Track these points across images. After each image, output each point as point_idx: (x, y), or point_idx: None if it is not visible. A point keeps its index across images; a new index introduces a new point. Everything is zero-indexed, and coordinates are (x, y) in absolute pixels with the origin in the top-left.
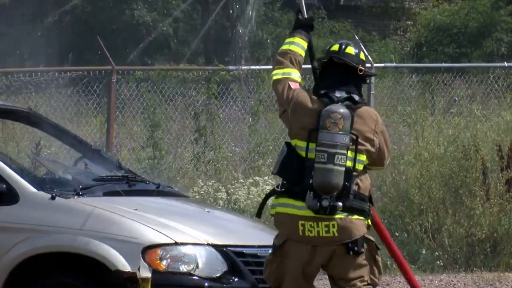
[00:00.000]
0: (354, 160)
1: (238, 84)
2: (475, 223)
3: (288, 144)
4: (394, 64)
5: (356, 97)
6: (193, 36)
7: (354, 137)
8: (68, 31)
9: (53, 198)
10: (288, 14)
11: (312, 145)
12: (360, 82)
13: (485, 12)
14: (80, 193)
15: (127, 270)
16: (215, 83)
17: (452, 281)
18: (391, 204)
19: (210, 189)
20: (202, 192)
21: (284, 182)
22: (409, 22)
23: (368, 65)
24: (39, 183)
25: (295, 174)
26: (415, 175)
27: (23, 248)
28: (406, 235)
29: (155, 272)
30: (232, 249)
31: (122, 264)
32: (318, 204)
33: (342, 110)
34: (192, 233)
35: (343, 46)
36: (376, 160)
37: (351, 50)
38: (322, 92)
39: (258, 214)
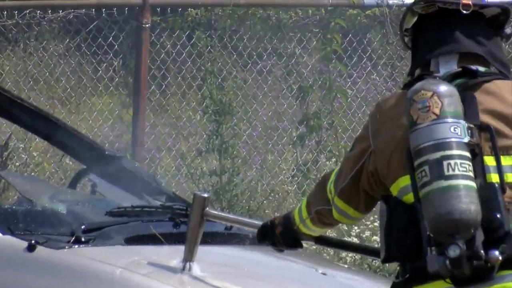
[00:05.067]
0: (499, 169)
1: (382, 32)
2: None
3: (386, 199)
4: None
5: (477, 68)
6: None
7: (484, 126)
8: None
9: (31, 248)
10: None
11: None
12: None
13: None
14: (82, 239)
15: None
16: (336, 32)
17: None
18: None
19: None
20: None
21: (403, 262)
22: None
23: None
24: (5, 221)
25: (409, 239)
26: None
27: None
28: None
29: None
30: None
31: None
32: (447, 261)
33: (437, 84)
34: None
35: None
36: None
37: None
38: (415, 76)
39: None
